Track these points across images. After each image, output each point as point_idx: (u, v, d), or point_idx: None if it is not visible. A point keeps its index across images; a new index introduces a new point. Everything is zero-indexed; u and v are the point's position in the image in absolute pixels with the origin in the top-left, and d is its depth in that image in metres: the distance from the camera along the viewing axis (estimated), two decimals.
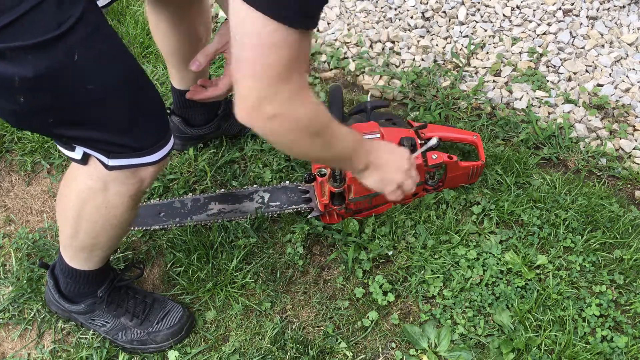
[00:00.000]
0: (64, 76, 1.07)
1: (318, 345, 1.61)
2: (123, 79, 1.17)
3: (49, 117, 1.14)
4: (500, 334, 1.63)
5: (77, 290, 1.54)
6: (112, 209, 1.34)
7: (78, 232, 1.40)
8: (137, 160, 1.25)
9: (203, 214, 1.83)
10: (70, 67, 1.07)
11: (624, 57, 2.35)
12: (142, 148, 1.24)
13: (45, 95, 1.09)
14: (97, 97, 1.13)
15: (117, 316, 1.58)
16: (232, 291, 1.71)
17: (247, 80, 1.06)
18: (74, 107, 1.13)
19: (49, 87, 1.08)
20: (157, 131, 1.28)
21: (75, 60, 1.06)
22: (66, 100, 1.11)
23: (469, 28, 2.49)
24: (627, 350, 1.59)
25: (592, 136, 2.12)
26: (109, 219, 1.36)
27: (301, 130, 1.16)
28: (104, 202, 1.32)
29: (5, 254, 1.83)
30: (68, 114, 1.14)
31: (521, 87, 2.27)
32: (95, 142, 1.21)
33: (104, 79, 1.12)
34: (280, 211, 1.84)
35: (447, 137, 1.93)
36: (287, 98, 1.08)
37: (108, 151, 1.22)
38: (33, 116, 1.14)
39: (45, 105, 1.11)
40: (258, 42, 1.02)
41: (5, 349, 1.66)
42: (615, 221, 1.84)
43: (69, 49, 1.05)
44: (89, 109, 1.14)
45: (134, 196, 1.33)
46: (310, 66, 2.41)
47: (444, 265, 1.75)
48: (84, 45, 1.07)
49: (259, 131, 1.14)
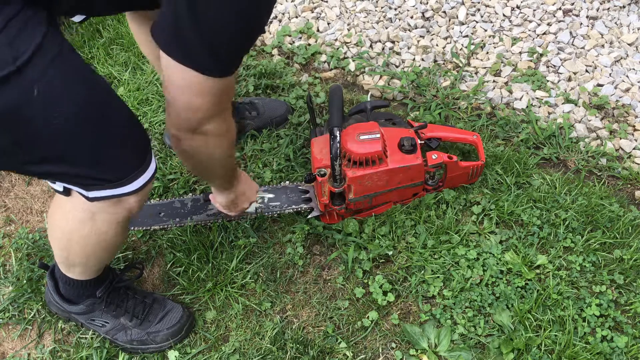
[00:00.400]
0: (25, 112, 1.01)
1: (318, 345, 1.61)
2: (88, 110, 1.10)
3: (17, 156, 1.09)
4: (500, 334, 1.63)
5: (77, 293, 1.54)
6: (102, 235, 1.32)
7: (69, 254, 1.41)
8: (117, 190, 1.21)
9: (203, 214, 1.83)
10: (31, 102, 1.01)
11: (624, 57, 2.35)
12: (118, 179, 1.20)
13: (8, 134, 1.04)
14: (63, 131, 1.07)
15: (117, 316, 1.58)
16: (232, 291, 1.71)
17: (184, 113, 1.21)
18: (40, 143, 1.08)
19: (11, 126, 1.02)
20: (133, 160, 1.22)
21: (35, 95, 1.00)
22: (31, 137, 1.06)
23: (469, 28, 2.49)
24: (627, 350, 1.59)
25: (592, 136, 2.12)
26: (99, 243, 1.35)
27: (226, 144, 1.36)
28: (92, 230, 1.30)
29: (5, 254, 1.83)
30: (35, 150, 1.09)
31: (521, 87, 2.27)
32: (70, 176, 1.18)
33: (68, 112, 1.06)
34: (280, 211, 1.84)
35: (447, 137, 1.93)
36: (216, 127, 1.26)
37: (85, 184, 1.19)
38: (1, 154, 1.09)
39: (9, 145, 1.06)
40: (187, 89, 1.16)
41: (5, 349, 1.66)
42: (615, 221, 1.84)
43: (28, 84, 1.00)
44: (56, 143, 1.09)
45: (122, 222, 1.31)
46: (311, 66, 2.41)
47: (444, 265, 1.75)
48: (44, 78, 1.01)
49: (187, 144, 1.28)
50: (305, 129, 2.11)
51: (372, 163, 1.73)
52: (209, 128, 1.25)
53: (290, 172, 1.98)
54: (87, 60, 2.39)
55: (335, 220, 1.85)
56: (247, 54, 2.41)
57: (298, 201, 1.86)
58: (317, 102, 2.22)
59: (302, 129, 2.11)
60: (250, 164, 2.01)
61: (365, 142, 1.72)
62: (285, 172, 1.98)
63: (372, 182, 1.76)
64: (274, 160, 2.01)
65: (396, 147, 1.77)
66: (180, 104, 1.19)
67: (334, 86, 1.87)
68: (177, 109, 1.20)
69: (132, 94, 2.22)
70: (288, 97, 2.22)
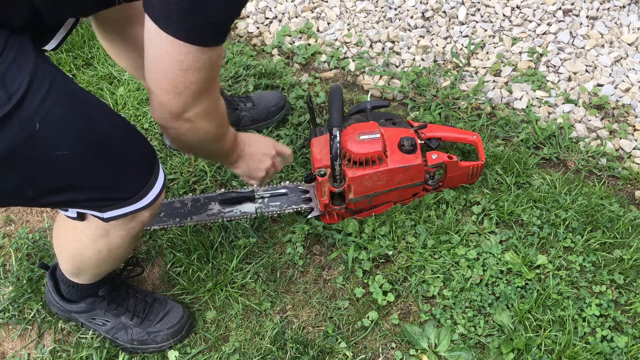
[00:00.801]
0: (30, 148, 1.01)
1: (318, 345, 1.61)
2: (91, 135, 1.10)
3: (27, 191, 1.09)
4: (500, 334, 1.63)
5: (79, 294, 1.55)
6: (115, 249, 1.33)
7: (80, 268, 1.42)
8: (131, 207, 1.21)
9: (203, 214, 1.83)
10: (34, 137, 1.00)
11: (624, 57, 2.35)
12: (131, 196, 1.20)
13: (16, 173, 1.03)
14: (69, 160, 1.07)
15: (118, 315, 1.58)
16: (232, 291, 1.71)
17: (167, 94, 1.12)
18: (48, 176, 1.08)
19: (18, 164, 1.02)
20: (142, 174, 1.22)
21: (38, 129, 0.99)
22: (38, 172, 1.05)
23: (469, 28, 2.49)
24: (627, 350, 1.59)
25: (592, 136, 2.12)
26: (111, 256, 1.36)
27: (214, 129, 1.28)
28: (106, 245, 1.31)
29: (5, 254, 1.83)
30: (44, 184, 1.09)
31: (521, 87, 2.27)
32: (82, 202, 1.18)
33: (71, 140, 1.06)
34: (280, 211, 1.84)
35: (447, 137, 1.93)
36: (206, 106, 1.19)
37: (98, 207, 1.19)
38: (11, 195, 1.09)
39: (18, 183, 1.06)
40: (177, 65, 1.08)
41: (5, 349, 1.66)
42: (615, 221, 1.84)
43: (28, 119, 0.98)
44: (64, 173, 1.09)
45: (136, 235, 1.32)
46: (311, 66, 2.41)
47: (444, 265, 1.75)
48: (41, 110, 1.00)
49: (174, 132, 1.21)
50: (305, 129, 2.11)
51: (372, 163, 1.73)
52: (196, 111, 1.17)
53: (290, 172, 1.98)
54: (87, 60, 2.39)
55: (335, 220, 1.85)
56: (248, 56, 2.41)
57: (298, 201, 1.86)
58: (317, 102, 2.22)
59: (302, 129, 2.11)
60: None
61: (365, 142, 1.72)
62: (285, 172, 1.98)
63: (372, 182, 1.76)
64: None
65: (396, 147, 1.77)
66: (166, 82, 1.11)
67: (334, 86, 1.87)
68: (162, 89, 1.13)
69: (132, 94, 2.22)
70: (288, 97, 2.22)
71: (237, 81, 2.29)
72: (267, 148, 1.58)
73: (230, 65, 2.33)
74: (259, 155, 1.56)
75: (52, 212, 1.92)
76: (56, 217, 1.36)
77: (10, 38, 0.98)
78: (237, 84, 2.28)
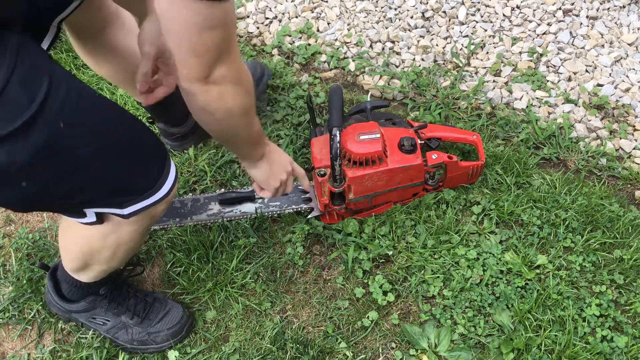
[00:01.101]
0: (57, 146, 1.03)
1: (318, 345, 1.61)
2: (108, 130, 1.13)
3: (56, 190, 1.11)
4: (500, 334, 1.63)
5: (80, 293, 1.55)
6: (123, 245, 1.35)
7: (87, 266, 1.43)
8: (150, 200, 1.24)
9: (203, 214, 1.83)
10: (60, 135, 1.03)
11: (624, 57, 2.35)
12: (149, 188, 1.23)
13: (47, 171, 1.05)
14: (91, 157, 1.10)
15: (118, 314, 1.59)
16: (232, 291, 1.71)
17: (190, 59, 1.16)
18: (74, 175, 1.10)
19: (47, 162, 1.04)
20: (157, 165, 1.25)
21: (62, 127, 1.02)
22: (67, 168, 1.08)
23: (469, 28, 2.49)
24: (627, 350, 1.59)
25: (592, 136, 2.12)
26: (120, 251, 1.37)
27: (241, 96, 1.28)
28: (116, 241, 1.32)
29: (5, 254, 1.83)
30: (69, 182, 1.11)
31: (521, 87, 2.27)
32: (105, 198, 1.20)
33: (92, 137, 1.09)
34: (280, 211, 1.84)
35: (447, 137, 1.93)
36: (229, 68, 1.21)
37: (119, 203, 1.21)
38: (40, 195, 1.11)
39: (48, 181, 1.07)
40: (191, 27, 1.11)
41: (5, 349, 1.66)
42: (615, 221, 1.84)
43: (52, 119, 1.01)
44: (87, 170, 1.11)
45: (145, 230, 1.34)
46: (311, 66, 2.41)
47: (444, 265, 1.75)
48: (63, 110, 1.02)
49: (202, 98, 1.23)
50: (305, 129, 2.11)
51: (372, 163, 1.73)
52: (221, 73, 1.20)
53: None
54: None
55: (335, 220, 1.85)
56: (248, 56, 2.41)
57: (298, 201, 1.86)
58: (317, 102, 2.22)
59: (302, 129, 2.11)
60: None
61: (365, 142, 1.72)
62: None
63: (372, 182, 1.76)
64: None
65: (396, 147, 1.77)
66: (187, 47, 1.14)
67: (334, 86, 1.87)
68: (184, 54, 1.15)
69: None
70: (288, 97, 2.22)
71: None
72: (286, 162, 1.59)
73: None
74: (280, 164, 1.56)
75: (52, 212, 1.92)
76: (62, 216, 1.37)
77: (21, 40, 0.99)
78: None
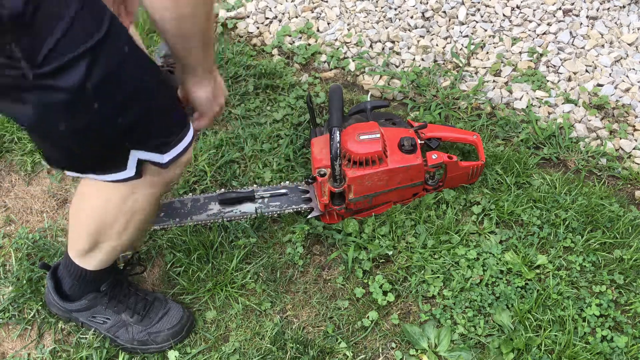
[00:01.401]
0: (124, 69, 1.09)
1: (318, 345, 1.61)
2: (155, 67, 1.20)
3: (118, 122, 1.14)
4: (500, 334, 1.63)
5: (81, 289, 1.55)
6: (137, 213, 1.35)
7: (96, 246, 1.43)
8: (183, 144, 1.26)
9: (203, 214, 1.83)
10: (126, 60, 1.09)
11: (624, 57, 2.35)
12: (181, 130, 1.26)
13: (117, 92, 1.09)
14: (148, 88, 1.16)
15: (118, 312, 1.59)
16: (232, 291, 1.71)
17: None
18: (135, 102, 1.14)
19: (113, 89, 1.08)
20: (183, 112, 1.31)
21: (127, 51, 1.08)
22: (128, 96, 1.12)
23: (469, 28, 2.49)
24: (627, 350, 1.59)
25: (592, 136, 2.12)
26: (133, 221, 1.37)
27: None
28: (132, 207, 1.33)
29: (5, 254, 1.83)
30: (132, 109, 1.14)
31: (521, 87, 2.27)
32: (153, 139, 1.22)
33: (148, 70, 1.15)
34: (280, 211, 1.84)
35: (447, 137, 1.93)
36: None
37: (161, 146, 1.24)
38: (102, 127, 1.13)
39: (116, 105, 1.11)
40: None
41: (5, 349, 1.66)
42: (615, 221, 1.84)
43: (120, 44, 1.07)
44: (146, 102, 1.16)
45: (157, 198, 1.36)
46: (311, 66, 2.41)
47: (444, 265, 1.75)
48: (125, 37, 1.09)
49: None
50: (305, 129, 2.11)
51: (372, 163, 1.73)
52: None
53: (290, 172, 1.98)
54: None
55: (335, 220, 1.85)
56: (248, 56, 2.41)
57: (298, 201, 1.86)
58: (317, 102, 2.22)
59: (302, 129, 2.11)
60: (250, 164, 2.02)
61: (365, 142, 1.72)
62: (285, 172, 1.98)
63: (372, 182, 1.76)
64: (274, 160, 2.01)
65: (396, 147, 1.77)
66: None
67: (334, 86, 1.87)
68: None
69: None
70: (288, 97, 2.22)
71: (237, 81, 2.29)
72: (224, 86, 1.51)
73: (230, 65, 2.33)
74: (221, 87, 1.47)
75: (52, 212, 1.92)
76: (70, 199, 1.36)
77: None
78: (237, 84, 2.28)
